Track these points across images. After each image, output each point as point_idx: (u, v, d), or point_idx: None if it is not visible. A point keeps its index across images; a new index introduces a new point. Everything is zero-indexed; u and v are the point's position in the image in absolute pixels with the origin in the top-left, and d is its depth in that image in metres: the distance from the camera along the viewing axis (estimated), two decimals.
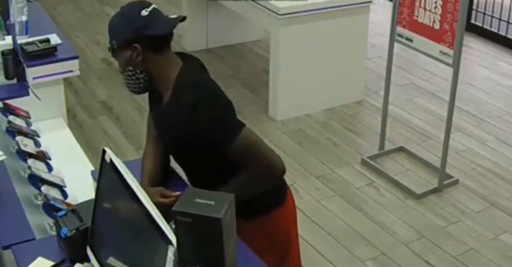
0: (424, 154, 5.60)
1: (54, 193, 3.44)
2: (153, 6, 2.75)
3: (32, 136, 4.05)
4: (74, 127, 5.46)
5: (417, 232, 4.72)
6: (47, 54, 4.43)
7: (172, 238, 2.09)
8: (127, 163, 2.48)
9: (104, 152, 2.44)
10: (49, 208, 3.22)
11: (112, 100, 6.49)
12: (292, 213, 3.18)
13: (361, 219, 4.86)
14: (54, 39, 4.55)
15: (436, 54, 4.85)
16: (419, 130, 6.02)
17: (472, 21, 8.13)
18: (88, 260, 2.56)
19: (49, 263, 2.61)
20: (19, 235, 2.86)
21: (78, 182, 3.59)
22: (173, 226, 2.16)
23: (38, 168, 3.63)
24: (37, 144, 4.03)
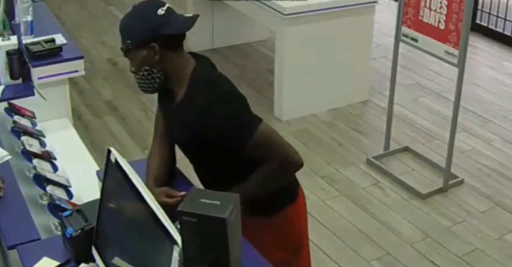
0: (429, 154, 5.60)
1: (59, 193, 3.45)
2: (168, 5, 2.74)
3: (37, 136, 4.06)
4: (80, 128, 5.47)
5: (422, 232, 4.72)
6: (52, 54, 4.44)
7: (177, 238, 2.10)
8: (132, 163, 2.48)
9: (109, 152, 2.45)
10: (54, 208, 3.22)
11: (118, 101, 6.49)
12: (304, 210, 3.18)
13: (366, 219, 4.86)
14: (59, 39, 4.55)
15: (441, 54, 4.84)
16: (424, 130, 6.01)
17: (477, 21, 8.12)
18: (93, 260, 2.56)
19: (54, 263, 2.61)
20: (24, 235, 2.86)
21: (83, 182, 3.60)
22: (178, 226, 2.16)
23: (43, 168, 3.64)
24: (42, 144, 4.04)
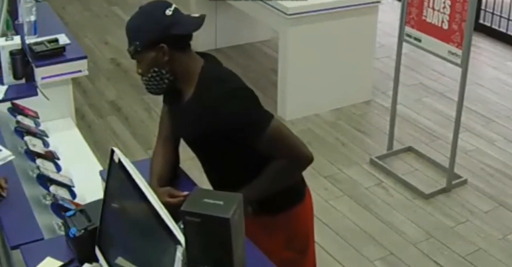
0: (433, 154, 5.59)
1: (63, 193, 3.45)
2: (175, 6, 2.73)
3: (41, 136, 4.06)
4: (83, 128, 5.47)
5: (426, 232, 4.72)
6: (56, 54, 4.43)
7: (181, 238, 2.10)
8: (136, 163, 2.48)
9: (113, 152, 2.45)
10: (58, 208, 3.22)
11: (121, 101, 6.50)
12: (311, 211, 3.18)
13: (370, 219, 4.86)
14: (63, 39, 4.55)
15: (445, 54, 4.84)
16: (428, 130, 6.01)
17: (481, 21, 8.12)
18: (97, 260, 2.57)
19: (58, 263, 2.62)
20: (28, 235, 2.87)
21: (87, 182, 3.60)
22: (182, 226, 2.16)
23: (47, 168, 3.64)
24: (46, 144, 4.04)
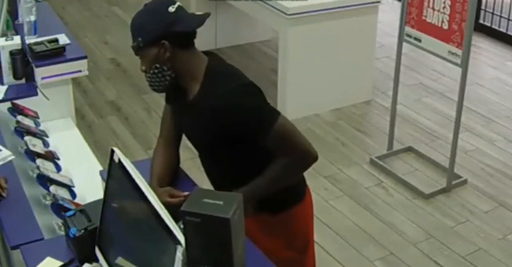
0: (433, 154, 5.59)
1: (63, 193, 3.45)
2: (178, 3, 2.75)
3: (41, 136, 4.06)
4: (83, 128, 5.47)
5: (426, 232, 4.72)
6: (56, 54, 4.44)
7: (181, 238, 2.10)
8: (136, 163, 2.48)
9: (113, 152, 2.45)
10: (58, 208, 3.22)
11: (121, 101, 6.50)
12: (311, 210, 3.17)
13: (370, 219, 4.86)
14: (63, 39, 4.55)
15: (445, 54, 4.84)
16: (428, 130, 6.01)
17: (481, 21, 8.12)
18: (97, 260, 2.57)
19: (58, 263, 2.62)
20: (28, 235, 2.87)
21: (87, 182, 3.60)
22: (182, 226, 2.16)
23: (47, 168, 3.64)
24: (46, 144, 4.05)
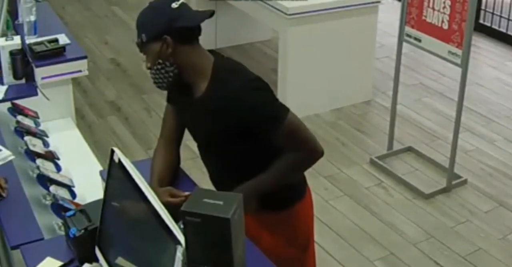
0: (433, 154, 5.59)
1: (63, 193, 3.45)
2: (182, 0, 2.75)
3: (41, 136, 4.06)
4: (83, 128, 5.47)
5: (426, 232, 4.72)
6: (56, 54, 4.44)
7: (181, 238, 2.10)
8: (136, 163, 2.48)
9: (113, 152, 2.45)
10: (58, 208, 3.22)
11: (121, 101, 6.50)
12: (311, 209, 3.18)
13: (370, 219, 4.86)
14: (63, 39, 4.55)
15: (445, 54, 4.84)
16: (428, 130, 6.01)
17: (481, 21, 8.11)
18: (97, 260, 2.57)
19: (58, 263, 2.62)
20: (28, 235, 2.87)
21: (87, 182, 3.60)
22: (182, 226, 2.16)
23: (47, 168, 3.64)
24: (46, 144, 4.04)
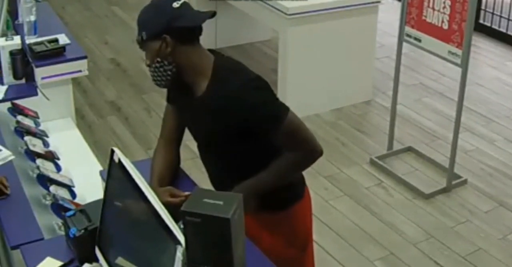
0: (433, 154, 5.59)
1: (63, 193, 3.45)
2: (184, 0, 2.75)
3: (41, 136, 4.06)
4: (83, 128, 5.47)
5: (426, 232, 4.72)
6: (56, 54, 4.44)
7: (181, 238, 2.10)
8: (136, 163, 2.48)
9: (113, 152, 2.45)
10: (58, 208, 3.22)
11: (121, 101, 6.50)
12: (309, 208, 3.18)
13: (370, 219, 4.86)
14: (63, 39, 4.56)
15: (445, 54, 4.84)
16: (428, 130, 6.01)
17: (481, 21, 8.11)
18: (97, 260, 2.57)
19: (58, 263, 2.62)
20: (28, 235, 2.87)
21: (87, 182, 3.60)
22: (182, 226, 2.16)
23: (47, 168, 3.64)
24: (46, 144, 4.05)
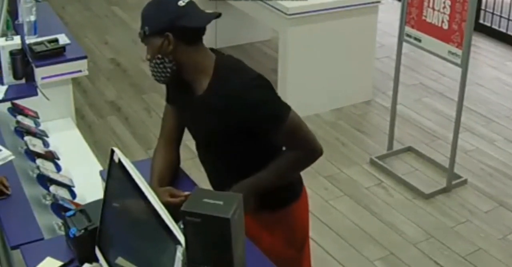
0: (433, 154, 5.59)
1: (63, 193, 3.45)
2: None
3: (41, 136, 4.06)
4: (83, 128, 5.47)
5: (426, 232, 4.72)
6: (56, 54, 4.44)
7: (181, 238, 2.10)
8: (136, 163, 2.48)
9: (113, 152, 2.45)
10: (58, 208, 3.22)
11: (121, 101, 6.50)
12: (307, 207, 3.18)
13: (370, 219, 4.85)
14: (63, 39, 4.56)
15: (445, 54, 4.84)
16: (428, 130, 6.00)
17: (481, 21, 8.11)
18: (97, 260, 2.57)
19: (58, 263, 2.62)
20: (28, 235, 2.87)
21: (87, 182, 3.60)
22: (182, 226, 2.16)
23: (47, 168, 3.64)
24: (46, 144, 4.05)
